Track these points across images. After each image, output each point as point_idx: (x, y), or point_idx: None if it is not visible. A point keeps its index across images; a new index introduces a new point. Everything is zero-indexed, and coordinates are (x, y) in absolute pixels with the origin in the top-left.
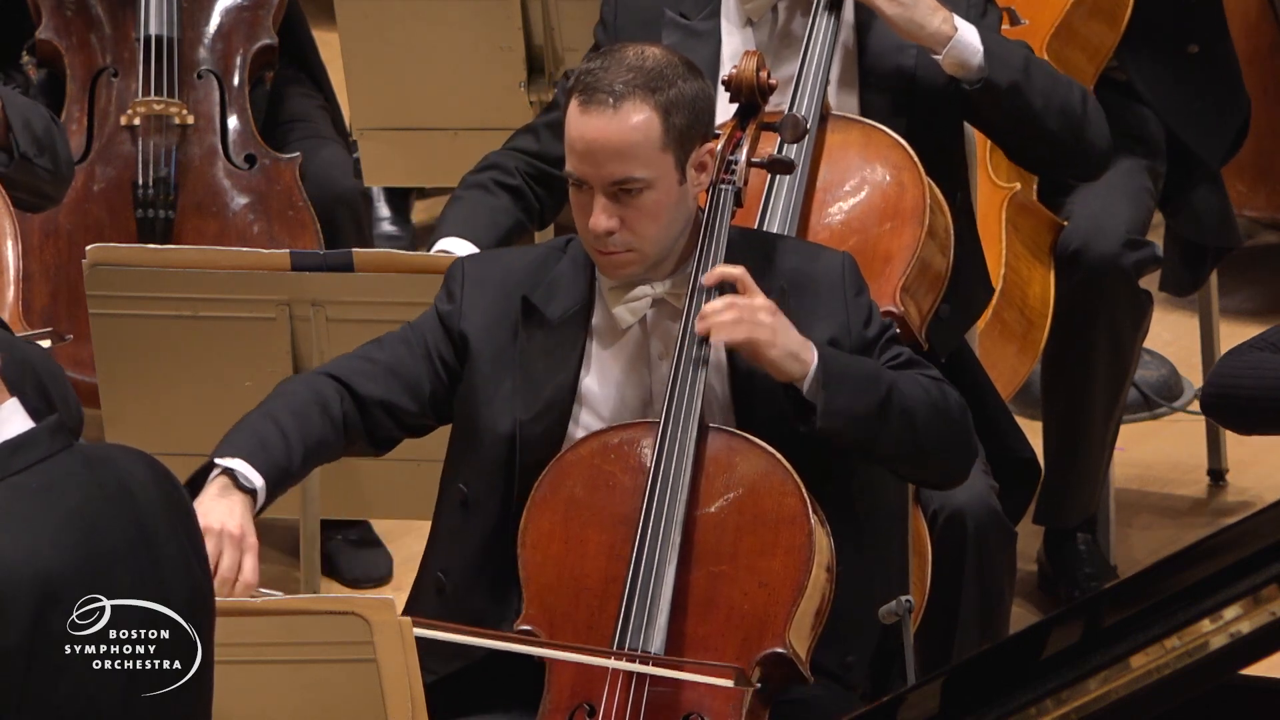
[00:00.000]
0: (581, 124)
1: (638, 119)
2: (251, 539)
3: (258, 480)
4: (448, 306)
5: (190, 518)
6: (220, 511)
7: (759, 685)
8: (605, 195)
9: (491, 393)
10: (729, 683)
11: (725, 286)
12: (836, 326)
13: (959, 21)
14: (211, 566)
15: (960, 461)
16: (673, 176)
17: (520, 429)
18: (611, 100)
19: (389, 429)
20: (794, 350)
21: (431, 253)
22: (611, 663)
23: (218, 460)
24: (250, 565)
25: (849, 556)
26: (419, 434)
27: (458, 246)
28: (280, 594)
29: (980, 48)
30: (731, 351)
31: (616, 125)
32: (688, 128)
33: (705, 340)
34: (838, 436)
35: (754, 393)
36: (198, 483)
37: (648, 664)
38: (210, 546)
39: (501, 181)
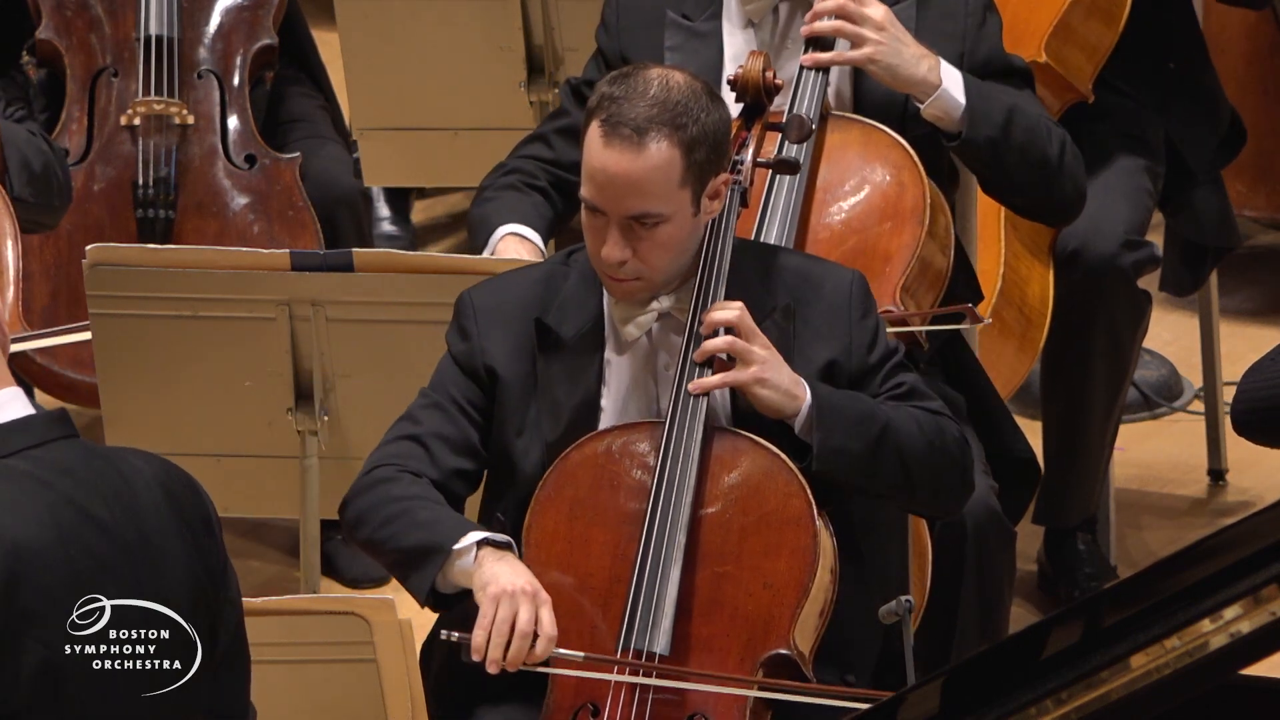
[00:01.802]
0: (603, 156)
1: (660, 157)
2: (545, 594)
3: (504, 536)
4: (463, 346)
5: (202, 522)
6: (508, 574)
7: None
8: (620, 226)
9: (520, 421)
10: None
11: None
12: (838, 349)
13: (945, 72)
14: (506, 625)
15: (953, 498)
16: (688, 210)
17: (547, 452)
18: (635, 136)
19: (461, 494)
20: (786, 388)
21: (495, 240)
22: (620, 677)
23: (464, 541)
24: (548, 618)
25: (851, 561)
26: (480, 480)
27: (524, 232)
28: (581, 655)
29: (962, 104)
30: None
31: (640, 163)
32: (707, 162)
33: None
34: (831, 475)
35: (756, 417)
36: (424, 585)
37: (651, 675)
38: (505, 608)
39: (530, 184)
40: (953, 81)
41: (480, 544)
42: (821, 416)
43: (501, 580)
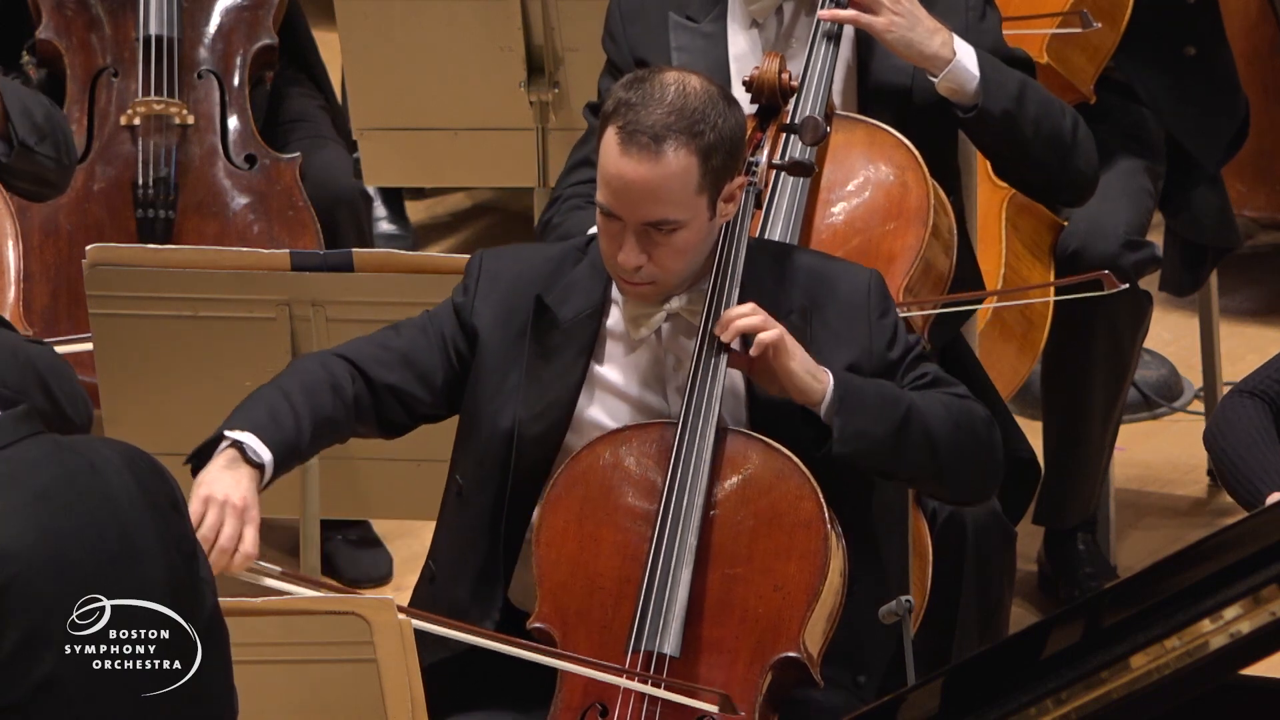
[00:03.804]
0: (620, 163)
1: (677, 165)
2: (254, 512)
3: (266, 455)
4: (462, 299)
5: (174, 508)
6: (225, 483)
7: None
8: (636, 232)
9: (495, 389)
10: (713, 708)
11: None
12: (858, 350)
13: (958, 45)
14: (212, 537)
15: (985, 480)
16: (704, 215)
17: (519, 427)
18: (653, 144)
19: (400, 415)
20: (810, 369)
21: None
22: (610, 678)
23: (227, 432)
24: (251, 537)
25: (858, 566)
26: (432, 421)
27: None
28: (278, 569)
29: (977, 74)
30: (750, 381)
31: (658, 171)
32: (723, 167)
33: (724, 346)
34: (855, 460)
35: (771, 423)
36: (205, 454)
37: (659, 685)
38: (212, 517)
39: (591, 202)
40: (966, 55)
41: (232, 444)
42: (844, 400)
43: (215, 487)
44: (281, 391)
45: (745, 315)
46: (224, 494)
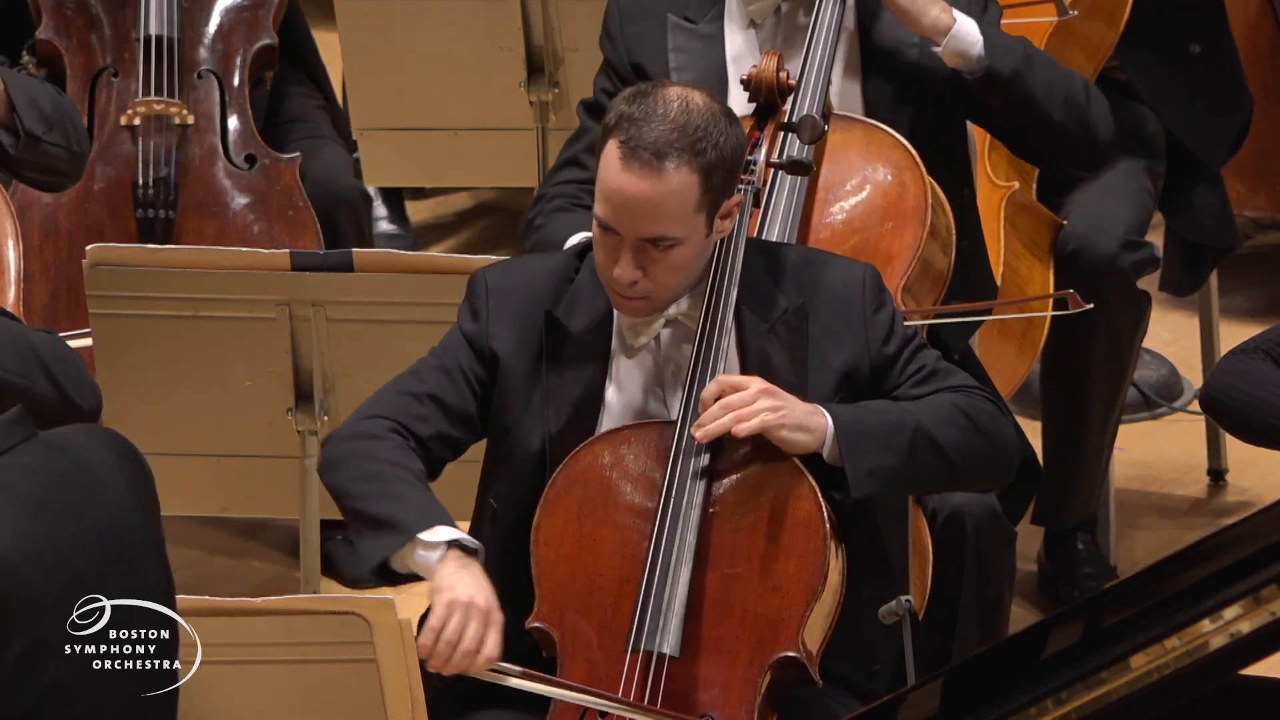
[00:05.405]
0: (621, 179)
1: (678, 182)
2: (498, 614)
3: (474, 541)
4: (473, 326)
5: (153, 501)
6: (468, 585)
7: None
8: (633, 248)
9: (522, 410)
10: None
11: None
12: (856, 347)
13: (958, 13)
14: (455, 639)
15: (1001, 468)
16: (701, 232)
17: (550, 444)
18: (654, 161)
19: (448, 456)
20: (801, 422)
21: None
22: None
23: (431, 535)
24: (494, 641)
25: (858, 566)
26: (464, 450)
27: None
28: (518, 668)
29: (979, 38)
30: None
31: (659, 188)
32: (723, 184)
33: (721, 350)
34: (876, 495)
35: None
36: (379, 558)
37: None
38: (457, 620)
39: (576, 204)
40: (967, 21)
41: (450, 544)
42: (848, 441)
43: (459, 591)
44: (409, 475)
45: (709, 421)
46: (468, 597)
